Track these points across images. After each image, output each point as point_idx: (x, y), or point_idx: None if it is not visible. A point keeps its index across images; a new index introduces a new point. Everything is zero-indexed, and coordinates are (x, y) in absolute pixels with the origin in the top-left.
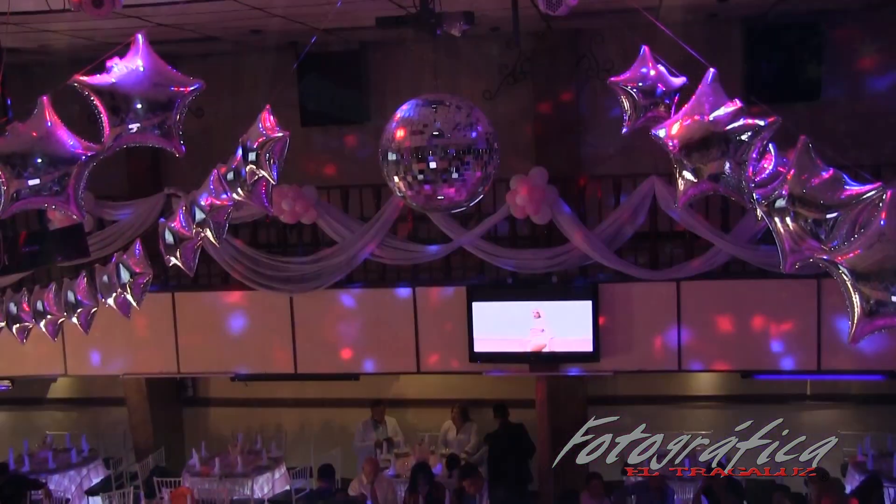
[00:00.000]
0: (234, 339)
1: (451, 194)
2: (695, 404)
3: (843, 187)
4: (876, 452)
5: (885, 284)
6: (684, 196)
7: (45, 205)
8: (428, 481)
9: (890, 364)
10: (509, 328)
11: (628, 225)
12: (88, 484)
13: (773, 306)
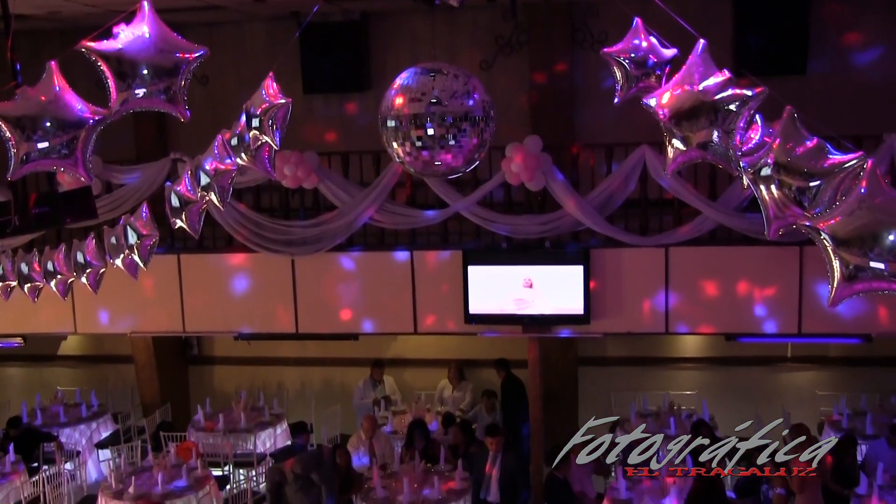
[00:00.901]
0: (237, 300)
1: (449, 160)
2: (681, 365)
3: (827, 156)
4: (851, 412)
5: (864, 250)
6: (673, 163)
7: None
8: (424, 437)
9: (867, 328)
10: (503, 291)
11: (619, 192)
12: (98, 437)
13: (757, 272)
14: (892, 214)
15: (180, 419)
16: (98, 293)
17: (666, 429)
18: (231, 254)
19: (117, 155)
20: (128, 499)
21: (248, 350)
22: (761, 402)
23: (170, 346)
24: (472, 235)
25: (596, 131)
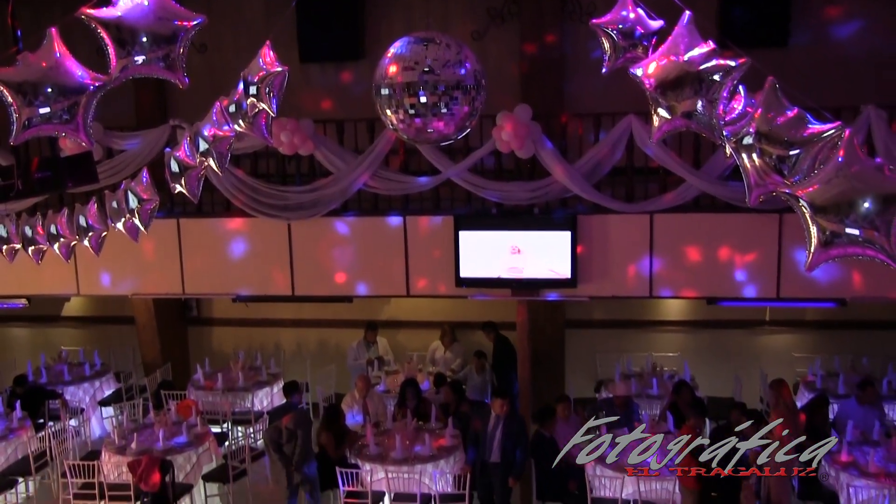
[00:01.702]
0: (235, 263)
1: (441, 127)
2: (664, 328)
3: (806, 126)
4: (824, 373)
5: (841, 217)
6: (659, 131)
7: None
8: (416, 397)
9: (841, 292)
10: (493, 256)
11: (606, 160)
12: (101, 395)
13: (738, 238)
14: (868, 183)
15: (180, 378)
16: (100, 256)
17: (648, 389)
18: (229, 218)
19: (118, 121)
20: (130, 454)
21: (246, 312)
22: (740, 363)
23: (170, 308)
24: (464, 201)
25: (584, 101)
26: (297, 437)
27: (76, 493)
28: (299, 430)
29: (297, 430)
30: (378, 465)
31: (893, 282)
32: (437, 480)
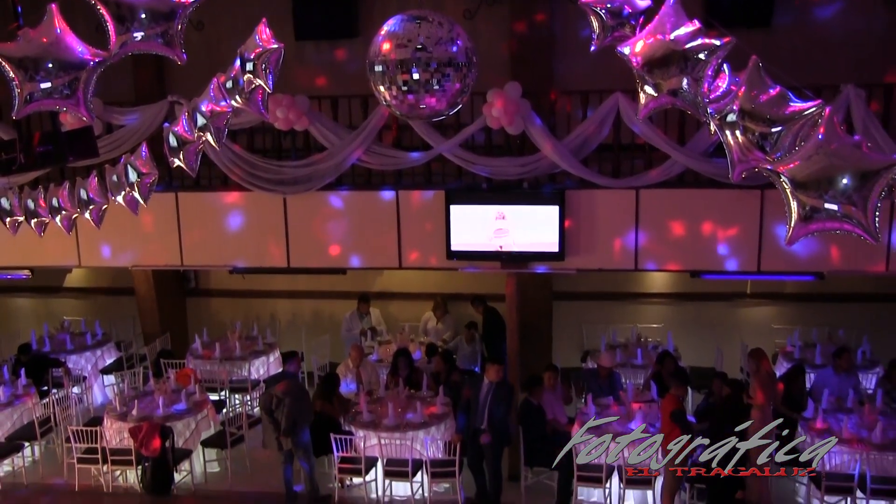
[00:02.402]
0: (232, 236)
1: (433, 104)
2: (648, 300)
3: (788, 104)
4: (802, 344)
5: (820, 192)
6: (645, 108)
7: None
8: (408, 366)
9: (820, 266)
10: (483, 229)
11: (594, 137)
12: (102, 364)
13: (721, 213)
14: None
15: (179, 348)
16: (100, 228)
17: (633, 359)
18: (226, 192)
19: (117, 97)
20: (131, 420)
21: (243, 283)
22: (722, 335)
23: (169, 279)
24: (455, 176)
25: (573, 79)
26: (284, 405)
27: (80, 458)
28: (287, 399)
29: (285, 398)
30: (371, 431)
31: (869, 256)
32: (428, 446)
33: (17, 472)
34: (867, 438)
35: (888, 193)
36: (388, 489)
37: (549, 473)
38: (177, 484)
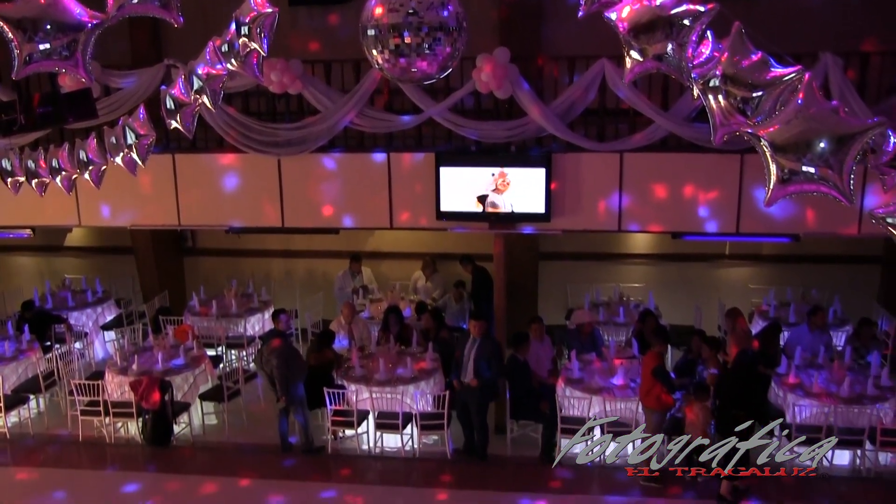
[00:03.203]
0: (228, 197)
1: (424, 67)
2: (631, 260)
3: (769, 69)
4: (777, 303)
5: (798, 156)
6: (631, 73)
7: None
8: (398, 323)
9: (796, 228)
10: (472, 190)
11: (580, 102)
12: (103, 320)
13: (702, 177)
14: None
15: (177, 305)
16: (100, 189)
17: (616, 317)
18: (222, 154)
19: (114, 61)
20: (132, 375)
21: (238, 243)
22: (701, 294)
23: (167, 239)
24: (444, 139)
25: (560, 44)
26: (272, 364)
27: (83, 410)
28: (274, 359)
29: (272, 357)
30: (363, 385)
31: (842, 219)
32: (417, 400)
33: (24, 423)
34: (836, 393)
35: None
36: (379, 441)
37: (534, 426)
38: (176, 435)
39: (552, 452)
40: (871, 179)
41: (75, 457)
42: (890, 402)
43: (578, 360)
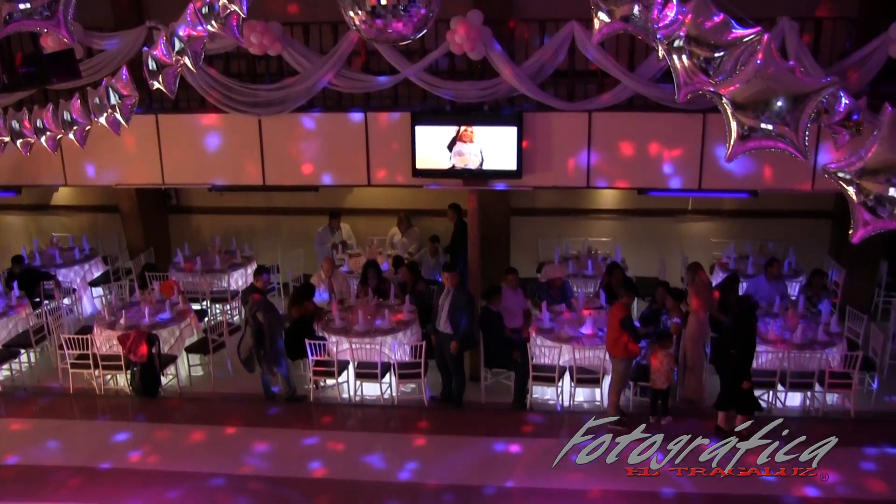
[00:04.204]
0: (210, 156)
1: (400, 28)
2: (599, 216)
3: (730, 30)
4: (737, 256)
5: (757, 113)
6: (599, 33)
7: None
8: (377, 277)
9: (754, 184)
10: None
11: (550, 63)
12: (90, 277)
13: (666, 135)
14: (782, 83)
15: (162, 261)
16: (85, 149)
17: (584, 270)
18: (204, 114)
19: (96, 23)
20: (119, 329)
21: (221, 200)
22: (665, 247)
23: (151, 197)
24: (420, 99)
25: (531, 7)
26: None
27: (73, 363)
28: (259, 314)
29: (257, 312)
30: (343, 337)
31: (797, 176)
32: (395, 350)
33: (16, 377)
34: (790, 339)
35: (816, 118)
36: (359, 390)
37: (507, 374)
38: (163, 386)
39: (524, 399)
40: (824, 138)
41: (66, 408)
42: (838, 348)
43: (549, 311)
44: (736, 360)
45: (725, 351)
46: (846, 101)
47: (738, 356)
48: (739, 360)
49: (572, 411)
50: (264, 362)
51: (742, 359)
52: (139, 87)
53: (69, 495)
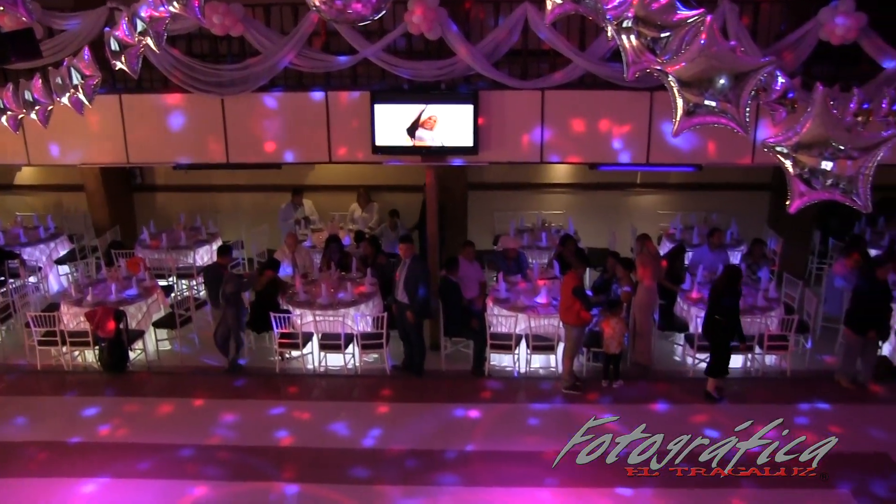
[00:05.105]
0: (174, 134)
1: (359, 9)
2: (552, 190)
3: (676, 11)
4: (683, 227)
5: (702, 90)
6: (551, 14)
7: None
8: (338, 251)
9: (698, 159)
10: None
11: (504, 43)
12: (56, 255)
13: (616, 112)
14: (725, 62)
15: (128, 239)
16: (48, 128)
17: (539, 241)
18: (168, 94)
19: (56, 3)
20: (87, 305)
21: (186, 178)
22: (615, 219)
23: (116, 176)
24: (378, 78)
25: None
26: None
27: (40, 340)
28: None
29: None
30: (307, 309)
31: (738, 150)
32: (358, 322)
33: None
34: None
35: (755, 95)
36: (324, 360)
37: (465, 343)
38: (132, 361)
39: (482, 366)
40: (763, 115)
41: (34, 384)
42: (776, 312)
43: (505, 282)
44: (722, 327)
45: (711, 318)
46: (782, 80)
47: (724, 322)
48: (725, 326)
49: (528, 377)
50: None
51: (728, 324)
52: (102, 67)
53: (38, 470)
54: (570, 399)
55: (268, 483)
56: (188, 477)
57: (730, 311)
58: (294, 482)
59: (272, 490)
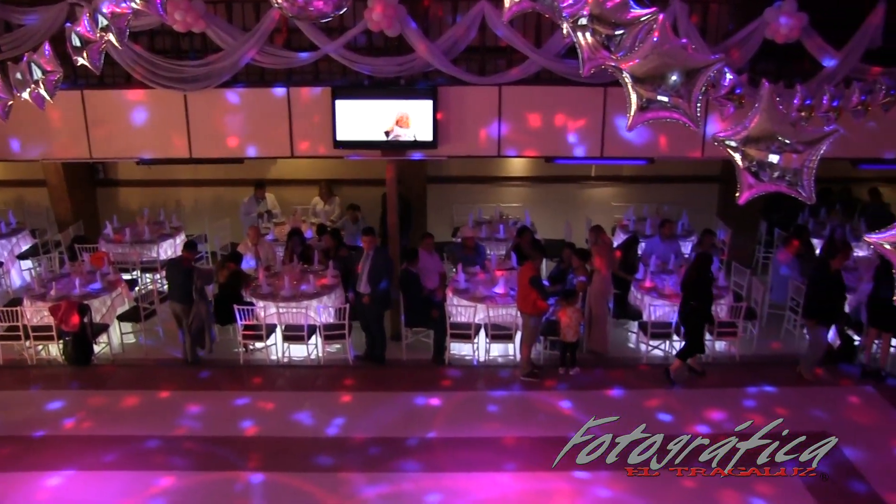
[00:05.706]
0: (137, 130)
1: (320, 6)
2: (509, 183)
3: (629, 10)
4: (636, 218)
5: (654, 86)
6: (509, 12)
7: None
8: (301, 244)
9: (650, 152)
10: (366, 120)
11: (462, 39)
12: (18, 250)
13: (571, 107)
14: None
15: (92, 233)
16: (8, 123)
17: (496, 233)
18: (130, 89)
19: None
20: (50, 300)
21: (149, 173)
22: (571, 211)
23: (79, 171)
24: (339, 74)
25: None
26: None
27: (2, 335)
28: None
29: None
30: (270, 302)
31: (689, 144)
32: (320, 313)
33: None
34: None
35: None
36: (287, 351)
37: (426, 332)
38: (96, 355)
39: (442, 355)
40: (712, 110)
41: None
42: (725, 300)
43: (464, 273)
44: (696, 311)
45: (687, 304)
46: (730, 77)
47: (698, 306)
48: (699, 309)
49: (488, 365)
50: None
51: (702, 308)
52: (63, 62)
53: (3, 464)
54: (528, 386)
55: (233, 472)
56: (154, 468)
57: (705, 297)
58: (259, 471)
59: (238, 479)
